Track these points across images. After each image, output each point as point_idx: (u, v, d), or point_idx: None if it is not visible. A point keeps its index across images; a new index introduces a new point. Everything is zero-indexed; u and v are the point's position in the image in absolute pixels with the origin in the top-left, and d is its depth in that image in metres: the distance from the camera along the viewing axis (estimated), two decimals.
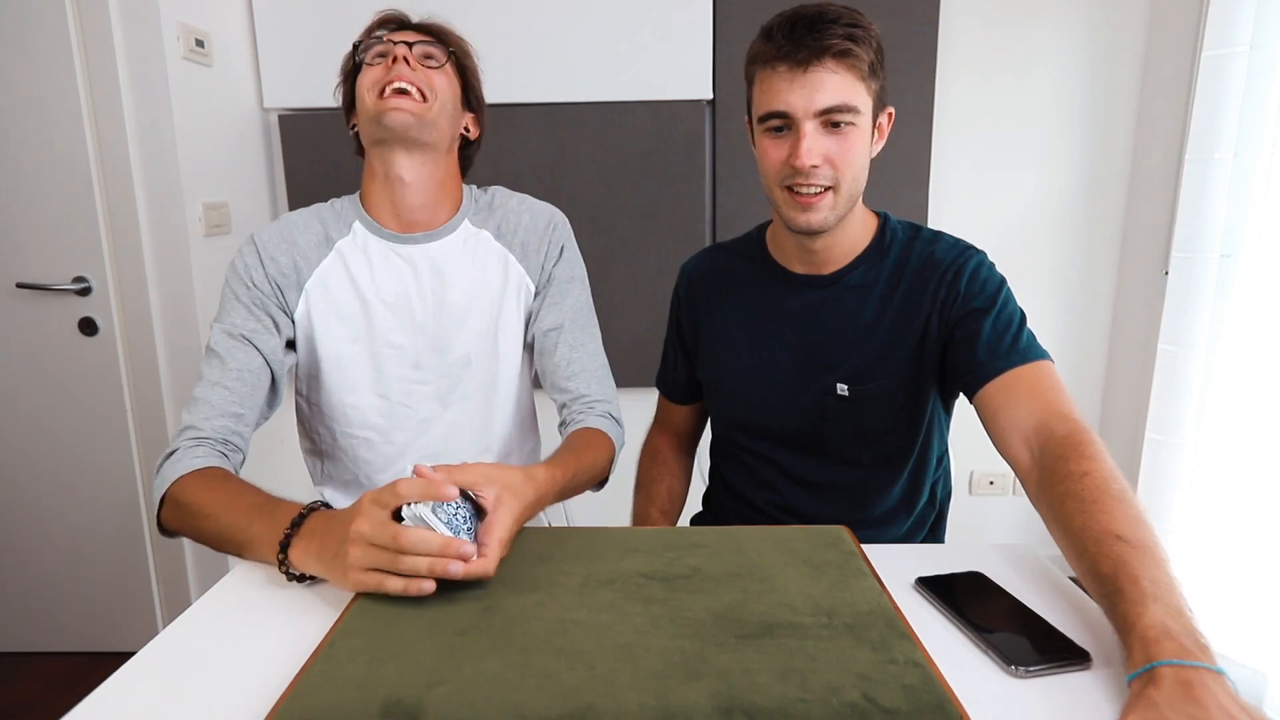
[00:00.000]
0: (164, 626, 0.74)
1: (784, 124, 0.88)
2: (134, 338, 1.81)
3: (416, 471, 0.70)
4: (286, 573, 0.72)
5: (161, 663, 0.63)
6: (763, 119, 0.90)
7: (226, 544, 0.80)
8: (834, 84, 0.85)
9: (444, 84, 0.98)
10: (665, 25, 1.94)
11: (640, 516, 1.13)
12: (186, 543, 1.91)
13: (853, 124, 0.87)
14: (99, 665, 1.88)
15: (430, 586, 0.65)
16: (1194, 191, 1.66)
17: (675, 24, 1.94)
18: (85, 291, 1.77)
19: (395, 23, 1.01)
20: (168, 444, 1.81)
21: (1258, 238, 1.55)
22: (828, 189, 0.89)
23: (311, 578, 0.73)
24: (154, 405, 1.84)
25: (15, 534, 1.91)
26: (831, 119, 0.87)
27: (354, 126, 1.03)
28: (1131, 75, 2.05)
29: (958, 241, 0.97)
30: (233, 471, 0.90)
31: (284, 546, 0.72)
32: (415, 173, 0.99)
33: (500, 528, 0.71)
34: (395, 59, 0.95)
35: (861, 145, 0.89)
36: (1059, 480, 0.74)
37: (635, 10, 1.94)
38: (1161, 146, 2.00)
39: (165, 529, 0.87)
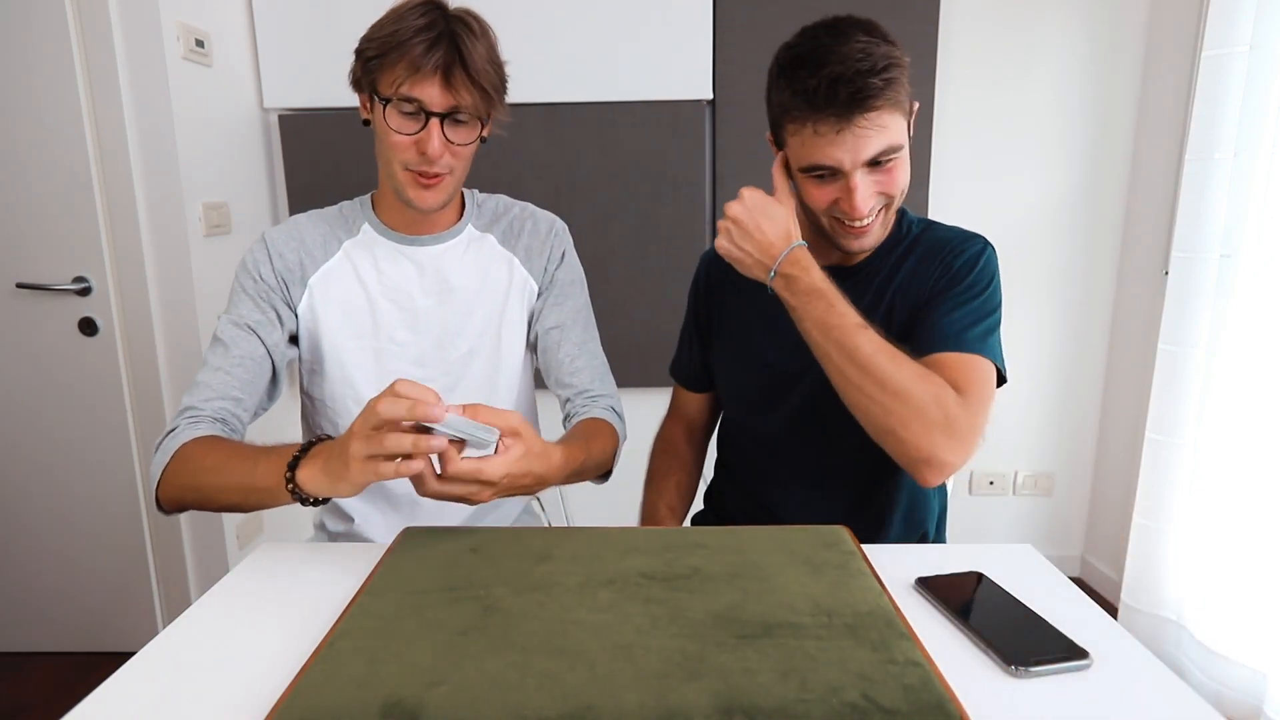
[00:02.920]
0: (164, 626, 0.74)
1: (830, 173, 0.88)
2: (134, 338, 1.81)
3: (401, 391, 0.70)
4: (292, 493, 0.76)
5: (161, 663, 0.63)
6: (806, 169, 0.89)
7: (231, 493, 0.82)
8: (879, 133, 0.84)
9: (470, 142, 0.94)
10: (665, 25, 1.94)
11: (649, 510, 1.15)
12: (187, 543, 1.91)
13: (897, 157, 0.87)
14: (99, 665, 1.89)
15: (418, 465, 0.69)
16: (1194, 191, 1.66)
17: (675, 24, 1.94)
18: (85, 291, 1.77)
19: (425, 46, 0.86)
20: None
21: (1258, 238, 1.55)
22: (882, 209, 0.91)
23: (316, 500, 0.76)
24: (154, 405, 1.84)
25: (15, 534, 1.91)
26: (879, 159, 0.86)
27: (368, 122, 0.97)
28: (1131, 75, 2.05)
29: (970, 232, 0.98)
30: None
31: (292, 466, 0.75)
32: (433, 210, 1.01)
33: (491, 469, 0.73)
34: (427, 131, 0.89)
35: (907, 164, 0.89)
36: None
37: (635, 10, 1.94)
38: (1161, 146, 2.00)
39: (164, 506, 0.88)
